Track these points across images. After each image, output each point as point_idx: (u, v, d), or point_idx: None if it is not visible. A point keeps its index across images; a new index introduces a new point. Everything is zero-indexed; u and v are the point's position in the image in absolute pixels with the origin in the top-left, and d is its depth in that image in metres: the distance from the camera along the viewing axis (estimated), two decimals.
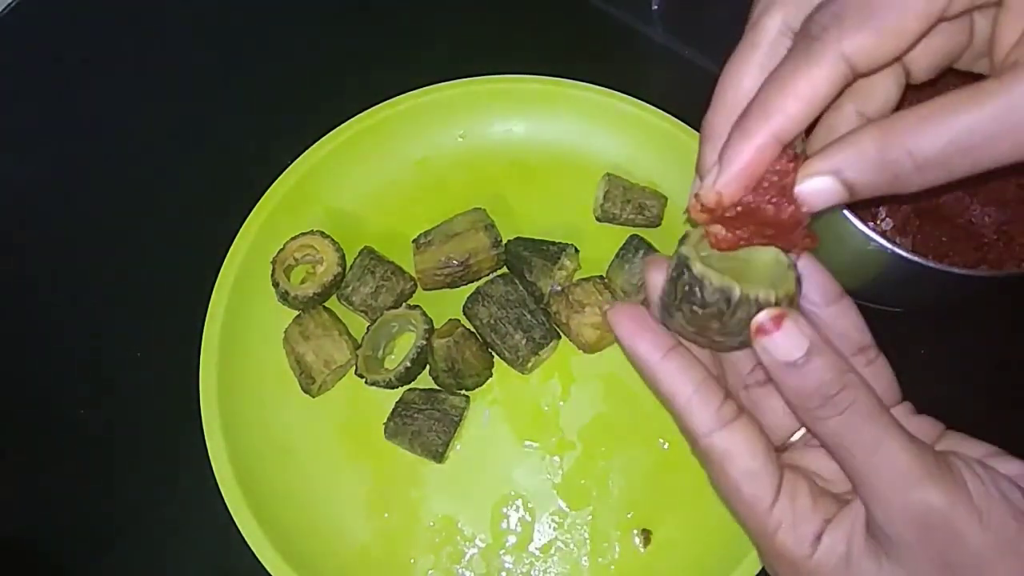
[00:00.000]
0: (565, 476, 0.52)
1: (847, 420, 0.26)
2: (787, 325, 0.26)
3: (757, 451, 0.27)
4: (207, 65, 0.68)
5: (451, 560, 0.50)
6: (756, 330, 0.27)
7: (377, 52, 0.67)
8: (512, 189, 0.60)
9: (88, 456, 0.54)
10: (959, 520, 0.25)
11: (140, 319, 0.58)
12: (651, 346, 0.28)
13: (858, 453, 0.26)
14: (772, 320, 0.26)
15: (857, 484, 0.26)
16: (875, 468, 0.25)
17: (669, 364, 0.28)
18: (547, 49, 0.64)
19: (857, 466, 0.26)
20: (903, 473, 0.25)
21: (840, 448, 0.26)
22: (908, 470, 0.25)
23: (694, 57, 0.65)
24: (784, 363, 0.26)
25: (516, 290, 0.53)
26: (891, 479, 0.25)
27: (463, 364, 0.51)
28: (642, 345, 0.28)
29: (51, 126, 0.66)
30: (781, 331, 0.26)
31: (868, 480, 0.26)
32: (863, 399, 0.26)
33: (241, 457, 0.50)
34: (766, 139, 0.26)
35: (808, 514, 0.27)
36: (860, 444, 0.26)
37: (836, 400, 0.26)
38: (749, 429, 0.28)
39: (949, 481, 0.25)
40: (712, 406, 0.28)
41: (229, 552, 0.49)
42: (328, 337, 0.52)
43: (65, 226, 0.62)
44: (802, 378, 0.26)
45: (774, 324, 0.26)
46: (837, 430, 0.26)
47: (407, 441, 0.51)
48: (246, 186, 0.58)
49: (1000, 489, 0.26)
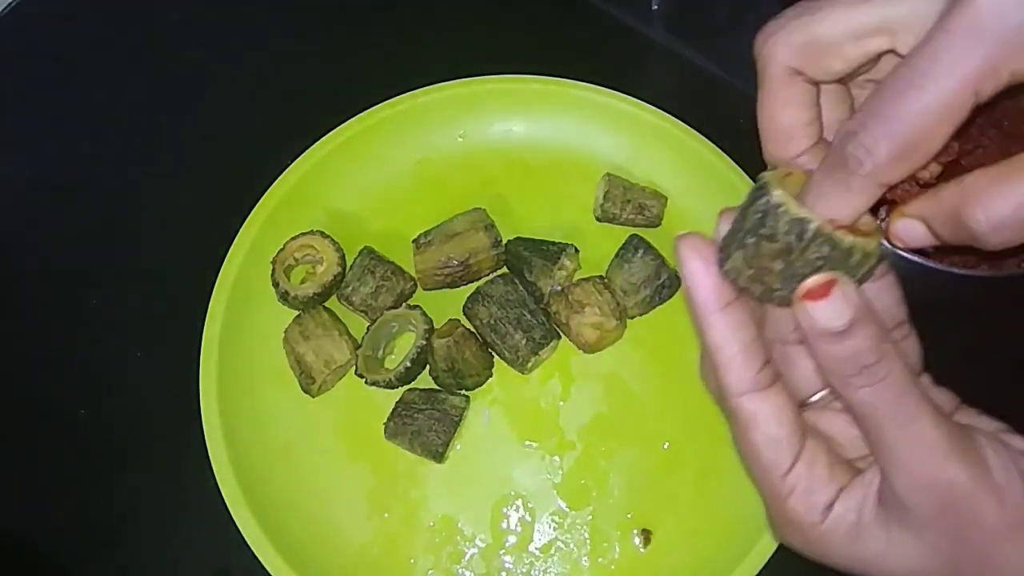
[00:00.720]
0: (565, 476, 0.52)
1: (881, 391, 0.26)
2: (835, 293, 0.25)
3: (783, 419, 0.27)
4: (207, 65, 0.68)
5: (451, 560, 0.50)
6: (803, 294, 0.26)
7: (377, 52, 0.67)
8: (512, 189, 0.60)
9: (88, 456, 0.54)
10: (979, 497, 0.25)
11: (140, 319, 0.58)
12: (712, 294, 0.28)
13: (888, 425, 0.26)
14: (821, 286, 0.26)
15: (881, 454, 0.26)
16: (904, 441, 0.26)
17: (725, 317, 0.28)
18: (547, 49, 0.64)
19: (886, 437, 0.26)
20: (931, 448, 0.25)
21: (870, 418, 0.26)
22: (936, 445, 0.25)
23: (694, 57, 0.65)
24: (825, 330, 0.26)
25: (516, 290, 0.53)
26: (919, 453, 0.25)
27: (463, 364, 0.51)
28: (703, 290, 0.28)
29: (51, 126, 0.66)
30: (829, 299, 0.26)
31: (895, 451, 0.26)
32: (898, 373, 0.26)
33: (241, 457, 0.50)
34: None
35: (823, 483, 0.28)
36: (891, 416, 0.26)
37: (872, 370, 0.26)
38: (780, 397, 0.28)
39: (974, 458, 0.25)
40: (752, 369, 0.27)
41: (229, 552, 0.49)
42: (328, 337, 0.52)
43: (65, 226, 0.62)
44: (841, 347, 0.26)
45: (823, 290, 0.26)
46: (870, 399, 0.26)
47: (407, 441, 0.51)
48: (246, 186, 0.58)
49: (1019, 466, 0.26)
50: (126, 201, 0.62)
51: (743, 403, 0.28)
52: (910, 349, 0.32)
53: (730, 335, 0.28)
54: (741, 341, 0.28)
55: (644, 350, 0.54)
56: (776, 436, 0.27)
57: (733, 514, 0.49)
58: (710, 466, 0.51)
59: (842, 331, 0.25)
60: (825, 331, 0.26)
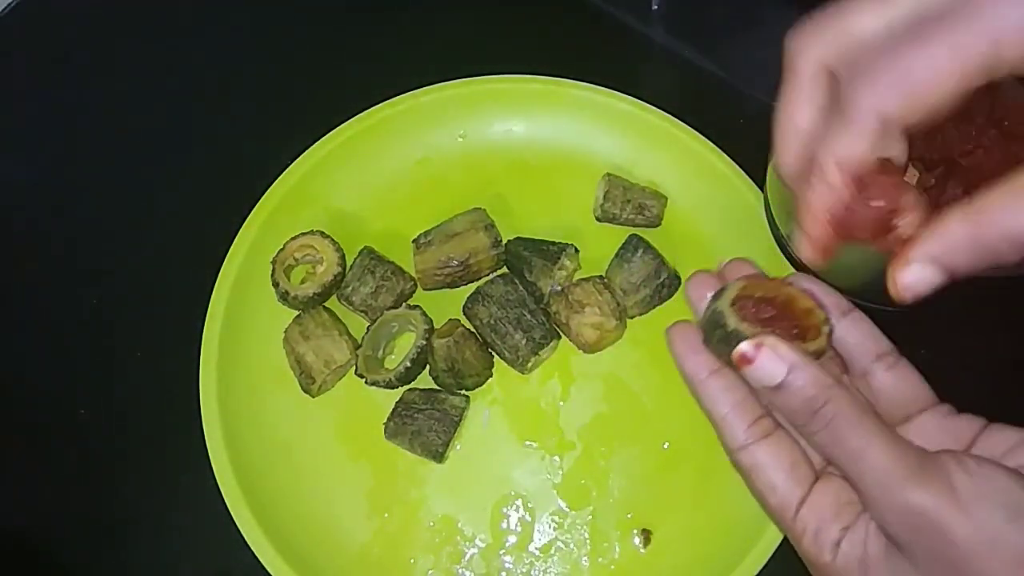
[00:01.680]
0: (565, 476, 0.52)
1: (833, 430, 0.27)
2: (764, 352, 0.28)
3: (781, 467, 0.29)
4: (207, 65, 0.68)
5: (451, 560, 0.50)
6: (738, 360, 0.29)
7: (377, 52, 0.67)
8: (512, 189, 0.60)
9: (88, 456, 0.54)
10: (946, 518, 0.25)
11: (140, 320, 0.58)
12: (698, 366, 0.31)
13: (846, 461, 0.27)
14: (752, 348, 0.28)
15: (855, 490, 0.28)
16: (862, 474, 0.27)
17: (713, 382, 0.31)
18: (547, 49, 0.64)
19: (848, 473, 0.27)
20: (887, 475, 0.26)
21: (833, 458, 0.28)
22: (891, 472, 0.26)
23: (694, 57, 0.65)
24: (769, 387, 0.28)
25: (516, 290, 0.53)
26: (877, 482, 0.26)
27: (463, 364, 0.51)
28: (689, 364, 0.31)
29: (51, 126, 0.66)
30: (760, 358, 0.28)
31: (859, 486, 0.27)
32: (846, 409, 0.27)
33: (241, 457, 0.50)
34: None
35: (828, 523, 0.29)
36: (847, 452, 0.27)
37: (821, 413, 0.27)
38: (777, 446, 0.30)
39: (933, 480, 0.26)
40: (745, 424, 0.30)
41: (229, 552, 0.49)
42: (328, 337, 0.52)
43: (65, 226, 0.62)
44: (788, 397, 0.28)
45: (753, 351, 0.28)
46: (826, 441, 0.28)
47: (407, 441, 0.51)
48: (246, 186, 0.58)
49: (991, 483, 0.26)
50: (126, 201, 0.62)
51: (741, 456, 0.30)
52: (904, 378, 0.32)
53: (719, 396, 0.31)
54: (730, 401, 0.30)
55: (644, 350, 0.54)
56: (775, 483, 0.29)
57: (733, 514, 0.49)
58: (710, 466, 0.51)
59: (786, 382, 0.28)
60: (769, 387, 0.28)
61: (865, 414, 0.27)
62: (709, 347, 0.31)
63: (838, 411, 0.27)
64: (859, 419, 0.27)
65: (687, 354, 0.32)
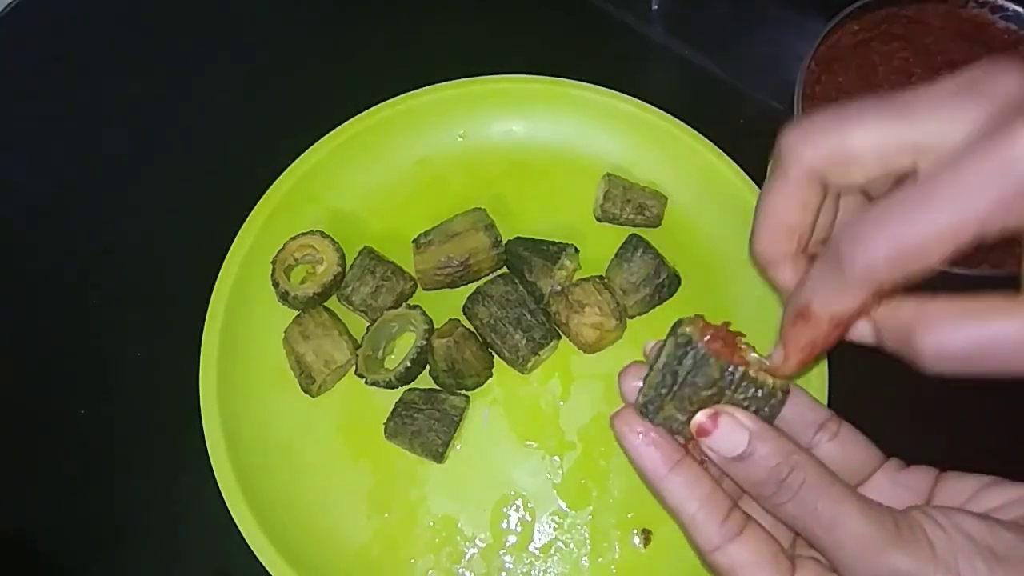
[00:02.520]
0: (565, 476, 0.52)
1: (802, 501, 0.26)
2: (723, 420, 0.27)
3: (762, 563, 0.28)
4: (207, 65, 0.68)
5: (451, 560, 0.50)
6: (697, 431, 0.28)
7: (377, 52, 0.67)
8: (512, 189, 0.60)
9: (88, 456, 0.54)
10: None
11: (140, 319, 0.58)
12: (658, 460, 0.29)
13: (819, 531, 0.26)
14: (709, 419, 0.27)
15: (830, 560, 0.27)
16: (838, 542, 0.26)
17: (675, 478, 0.29)
18: (547, 49, 0.64)
19: (822, 544, 0.26)
20: (865, 541, 0.25)
21: (804, 529, 0.27)
22: (870, 538, 0.25)
23: (694, 57, 0.65)
24: (730, 458, 0.27)
25: (516, 290, 0.53)
26: (855, 550, 0.25)
27: (463, 364, 0.51)
28: (647, 459, 0.29)
29: (51, 126, 0.66)
30: (719, 428, 0.27)
31: (835, 555, 0.26)
32: (812, 476, 0.26)
33: (241, 457, 0.50)
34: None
35: None
36: (818, 521, 0.26)
37: (787, 483, 0.26)
38: (754, 541, 0.28)
39: (911, 541, 0.25)
40: (716, 522, 0.28)
41: (229, 552, 0.49)
42: (328, 337, 0.52)
43: (65, 226, 0.62)
44: (751, 469, 0.27)
45: (712, 422, 0.27)
46: (794, 512, 0.27)
47: (407, 441, 0.51)
48: (246, 186, 0.58)
49: (964, 533, 0.26)
50: (126, 201, 0.62)
51: (718, 558, 0.28)
52: (849, 442, 0.32)
53: (686, 493, 0.28)
54: (698, 497, 0.28)
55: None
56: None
57: None
58: None
59: (746, 454, 0.27)
60: (731, 458, 0.27)
61: (832, 479, 0.27)
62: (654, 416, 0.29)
63: (805, 478, 0.26)
64: (828, 485, 0.26)
65: (641, 446, 0.29)
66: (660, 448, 0.29)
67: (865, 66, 0.50)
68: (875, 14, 0.51)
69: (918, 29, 0.50)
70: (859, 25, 0.51)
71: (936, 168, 0.24)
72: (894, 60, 0.50)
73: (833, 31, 0.50)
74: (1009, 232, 0.24)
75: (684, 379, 0.28)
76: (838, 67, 0.50)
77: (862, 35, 0.51)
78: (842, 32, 0.51)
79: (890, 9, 0.51)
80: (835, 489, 0.26)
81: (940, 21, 0.50)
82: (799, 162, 0.28)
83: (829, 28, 0.49)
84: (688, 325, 0.29)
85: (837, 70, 0.50)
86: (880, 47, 0.50)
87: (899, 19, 0.51)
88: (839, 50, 0.51)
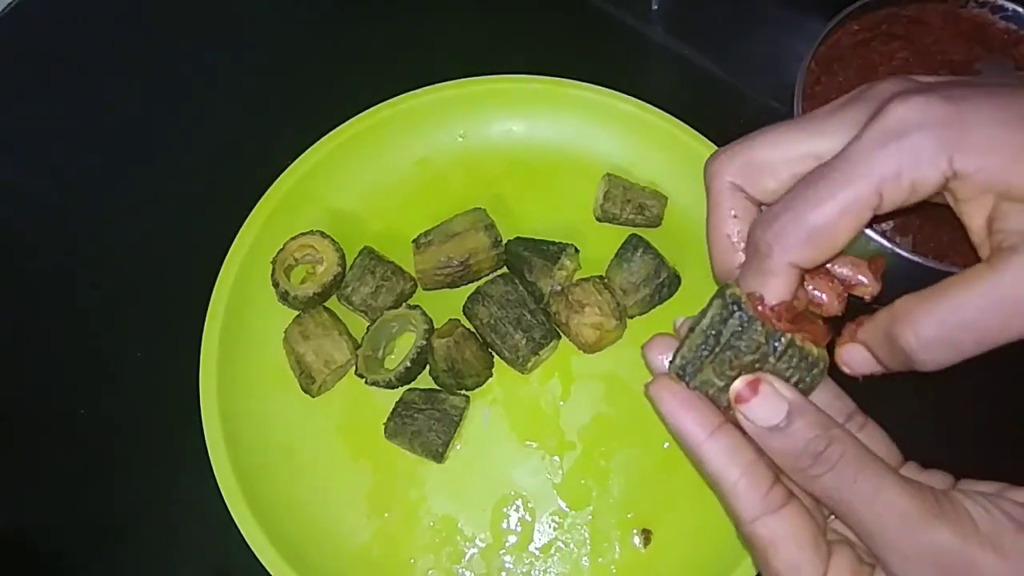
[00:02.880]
0: (565, 476, 0.52)
1: (840, 474, 0.26)
2: (764, 389, 0.27)
3: (803, 541, 0.27)
4: (207, 65, 0.68)
5: (451, 560, 0.50)
6: (736, 397, 0.27)
7: (377, 52, 0.67)
8: (512, 189, 0.60)
9: (88, 456, 0.54)
10: (972, 552, 0.24)
11: (140, 319, 0.58)
12: (697, 424, 0.27)
13: (858, 505, 0.26)
14: (748, 386, 0.27)
15: (865, 537, 0.26)
16: (878, 516, 0.25)
17: (716, 444, 0.27)
18: (547, 49, 0.64)
19: (861, 519, 0.26)
20: (907, 516, 0.25)
21: (840, 504, 0.26)
22: (912, 512, 0.25)
23: (694, 57, 0.65)
24: (767, 428, 0.26)
25: (516, 290, 0.53)
26: (897, 525, 0.25)
27: (463, 364, 0.51)
28: (687, 423, 0.28)
29: (51, 126, 0.66)
30: (759, 396, 0.27)
31: (875, 530, 0.25)
32: (852, 450, 0.26)
33: (241, 457, 0.50)
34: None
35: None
36: (858, 495, 0.25)
37: (825, 456, 0.26)
38: (797, 516, 0.27)
39: (954, 516, 0.25)
40: (760, 491, 0.27)
41: (229, 552, 0.49)
42: (328, 337, 0.52)
43: (65, 226, 0.62)
44: (788, 440, 0.26)
45: (751, 390, 0.27)
46: (832, 485, 0.26)
47: (407, 441, 0.51)
48: (246, 186, 0.58)
49: (1005, 512, 0.25)
50: (126, 201, 0.62)
51: (757, 529, 0.27)
52: (874, 439, 0.31)
53: (727, 460, 0.27)
54: (740, 465, 0.27)
55: None
56: (797, 561, 0.26)
57: None
58: None
59: (784, 424, 0.26)
60: (767, 428, 0.26)
61: (872, 455, 0.26)
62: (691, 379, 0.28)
63: (844, 451, 0.26)
64: (869, 460, 0.26)
65: (681, 409, 0.28)
66: (699, 411, 0.28)
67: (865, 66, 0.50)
68: (875, 14, 0.51)
69: (918, 29, 0.50)
70: (859, 25, 0.51)
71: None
72: (894, 60, 0.50)
73: (833, 31, 0.50)
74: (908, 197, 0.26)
75: (727, 341, 0.27)
76: (838, 67, 0.50)
77: (862, 35, 0.51)
78: (842, 32, 0.51)
79: (890, 9, 0.51)
80: (876, 465, 0.26)
81: (940, 21, 0.50)
82: (719, 178, 0.31)
83: (829, 28, 0.49)
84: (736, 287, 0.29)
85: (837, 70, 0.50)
86: (880, 47, 0.50)
87: (899, 19, 0.51)
88: (839, 50, 0.51)
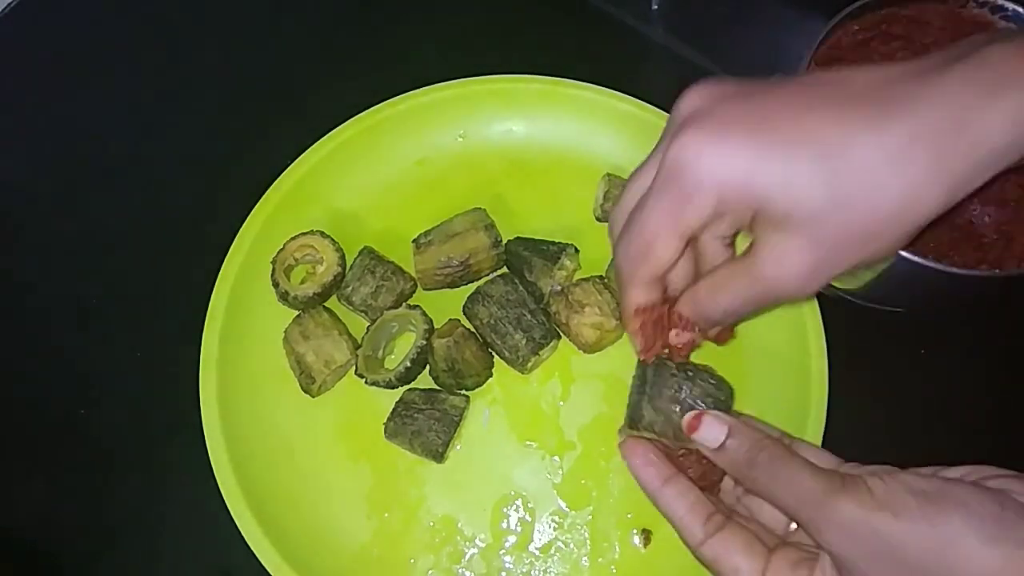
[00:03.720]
0: (565, 476, 0.52)
1: (767, 470, 0.33)
2: (706, 419, 0.36)
3: (739, 551, 0.34)
4: (207, 65, 0.68)
5: (451, 560, 0.50)
6: (686, 428, 0.36)
7: (377, 52, 0.67)
8: (512, 189, 0.60)
9: (88, 456, 0.54)
10: (871, 517, 0.30)
11: (140, 319, 0.58)
12: (654, 476, 0.37)
13: (782, 493, 0.32)
14: (695, 418, 0.36)
15: (797, 520, 0.32)
16: (798, 499, 0.32)
17: (669, 490, 0.37)
18: (547, 49, 0.64)
19: (787, 504, 0.32)
20: (816, 494, 0.31)
21: (774, 495, 0.33)
22: (819, 490, 0.31)
23: (694, 57, 0.65)
24: (713, 449, 0.35)
25: (516, 290, 0.53)
26: (812, 503, 0.31)
27: (463, 364, 0.51)
28: (647, 475, 0.37)
29: (51, 126, 0.66)
30: (704, 425, 0.35)
31: (799, 511, 0.32)
32: (778, 453, 0.33)
33: (241, 457, 0.50)
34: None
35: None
36: (782, 484, 0.32)
37: (757, 460, 0.33)
38: (732, 535, 0.35)
39: (854, 490, 0.30)
40: (699, 522, 0.35)
41: (229, 552, 0.49)
42: (328, 337, 0.52)
43: (65, 226, 0.62)
44: (731, 454, 0.34)
45: (696, 420, 0.36)
46: (763, 481, 0.33)
47: (407, 441, 0.51)
48: (246, 186, 0.58)
49: (902, 482, 0.30)
50: (126, 201, 0.62)
51: (703, 550, 0.35)
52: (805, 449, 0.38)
53: (675, 501, 0.36)
54: (685, 505, 0.36)
55: None
56: (738, 564, 0.34)
57: None
58: None
59: (728, 444, 0.34)
60: (713, 446, 0.35)
61: (793, 455, 0.33)
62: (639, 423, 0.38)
63: (772, 456, 0.33)
64: (787, 458, 0.33)
65: (643, 465, 0.38)
66: (656, 466, 0.37)
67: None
68: (875, 14, 0.51)
69: (918, 29, 0.50)
70: (859, 25, 0.51)
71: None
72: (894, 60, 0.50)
73: (833, 31, 0.50)
74: (719, 218, 0.33)
75: (652, 382, 0.38)
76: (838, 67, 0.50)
77: (862, 35, 0.51)
78: (842, 32, 0.51)
79: (890, 9, 0.51)
80: (794, 461, 0.33)
81: (940, 21, 0.50)
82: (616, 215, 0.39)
83: (829, 28, 0.49)
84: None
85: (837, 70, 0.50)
86: (880, 47, 0.50)
87: (899, 19, 0.51)
88: (839, 50, 0.51)
